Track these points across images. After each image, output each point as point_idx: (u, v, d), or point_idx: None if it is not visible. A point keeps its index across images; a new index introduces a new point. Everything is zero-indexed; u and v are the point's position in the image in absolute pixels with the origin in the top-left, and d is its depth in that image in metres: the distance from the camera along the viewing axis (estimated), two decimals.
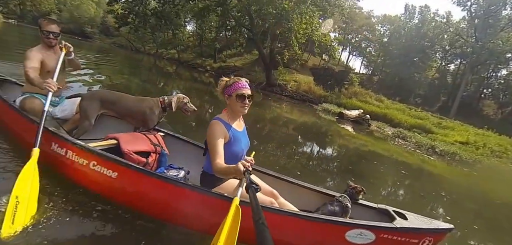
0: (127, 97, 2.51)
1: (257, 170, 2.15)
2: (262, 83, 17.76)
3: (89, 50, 22.14)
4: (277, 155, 4.60)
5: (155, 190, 1.72)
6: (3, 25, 27.88)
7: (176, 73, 18.12)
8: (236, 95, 1.64)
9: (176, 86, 11.29)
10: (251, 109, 1.83)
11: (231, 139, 1.66)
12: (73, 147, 1.86)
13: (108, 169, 1.79)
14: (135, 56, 26.42)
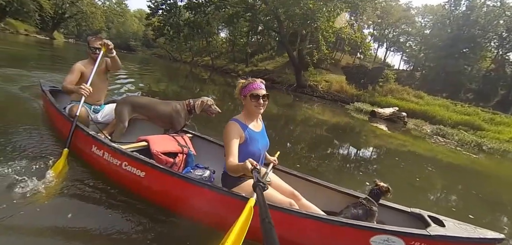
0: (155, 101, 2.67)
1: (280, 170, 2.14)
2: (293, 85, 17.82)
3: (132, 61, 24.42)
4: (308, 158, 4.46)
5: (177, 188, 1.81)
6: (64, 44, 32.25)
7: (210, 79, 18.89)
8: (251, 95, 1.67)
9: (211, 91, 11.95)
10: (281, 110, 2.02)
11: (247, 139, 1.69)
12: (108, 149, 2.04)
13: (137, 169, 1.93)
14: (172, 64, 28.17)
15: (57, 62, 12.24)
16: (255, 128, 1.78)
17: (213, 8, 18.23)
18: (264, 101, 1.70)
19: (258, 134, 1.78)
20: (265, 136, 1.88)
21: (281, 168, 2.16)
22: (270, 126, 6.67)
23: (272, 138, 4.72)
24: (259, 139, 1.77)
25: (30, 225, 1.58)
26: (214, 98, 2.57)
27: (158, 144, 2.17)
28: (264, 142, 1.83)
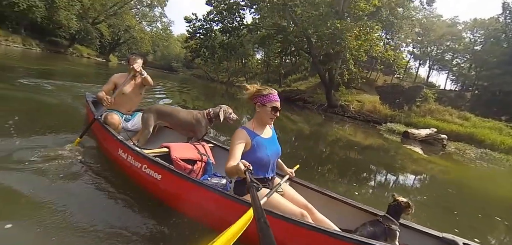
0: (178, 110, 2.80)
1: (296, 182, 2.12)
2: (324, 105, 17.70)
3: (173, 81, 26.60)
4: (336, 179, 4.25)
5: (188, 191, 1.88)
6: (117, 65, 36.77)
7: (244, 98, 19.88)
8: (272, 107, 1.70)
9: (245, 111, 12.42)
10: (312, 129, 2.13)
11: (254, 146, 1.70)
12: (132, 152, 2.20)
13: (155, 171, 2.04)
14: (209, 84, 29.50)
15: (101, 75, 14.44)
16: (264, 135, 1.79)
17: (246, 31, 19.33)
18: (278, 113, 1.75)
19: (267, 140, 1.79)
20: (276, 143, 1.87)
21: (297, 180, 2.14)
22: (300, 145, 6.60)
23: (301, 157, 4.60)
24: (268, 145, 1.77)
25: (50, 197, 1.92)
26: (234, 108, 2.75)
27: (178, 151, 2.28)
28: (274, 149, 1.83)
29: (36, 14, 20.85)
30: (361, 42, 11.85)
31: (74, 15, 24.11)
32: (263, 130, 1.81)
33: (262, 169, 1.74)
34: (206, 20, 18.96)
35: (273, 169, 1.87)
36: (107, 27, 32.26)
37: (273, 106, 1.71)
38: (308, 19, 14.13)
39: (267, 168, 1.78)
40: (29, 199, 1.84)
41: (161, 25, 40.28)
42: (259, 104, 1.74)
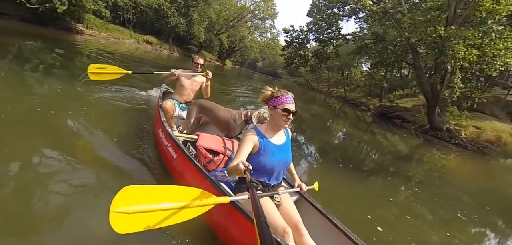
0: (219, 107, 2.91)
1: (306, 199, 1.97)
2: (425, 126, 14.97)
3: (275, 85, 29.24)
4: (423, 231, 3.14)
5: (189, 172, 2.02)
6: (231, 68, 43.74)
7: (340, 110, 18.85)
8: (283, 109, 1.63)
9: (342, 124, 12.11)
10: (403, 151, 2.37)
11: (260, 149, 1.65)
12: (165, 131, 2.48)
13: (173, 150, 2.23)
14: (309, 93, 30.45)
15: (218, 76, 18.01)
16: (275, 140, 1.72)
17: (342, 41, 18.88)
18: (293, 117, 1.67)
19: (277, 147, 1.71)
20: (286, 152, 1.77)
21: (307, 197, 1.96)
22: (379, 164, 6.22)
23: (381, 179, 4.92)
24: (276, 152, 1.69)
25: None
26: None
27: (205, 140, 2.39)
28: (283, 157, 1.74)
29: (180, 28, 28.10)
30: (474, 52, 9.32)
31: (203, 28, 30.74)
32: (274, 134, 1.73)
33: (265, 175, 1.69)
34: (302, 31, 19.99)
35: (279, 178, 1.77)
36: (227, 37, 39.01)
37: (284, 108, 1.63)
38: (410, 27, 12.51)
39: (271, 175, 1.71)
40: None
41: (271, 35, 44.50)
42: (271, 107, 1.70)
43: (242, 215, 1.52)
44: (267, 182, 1.70)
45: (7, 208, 1.71)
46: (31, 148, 2.38)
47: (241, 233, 1.57)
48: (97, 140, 2.94)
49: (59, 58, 7.77)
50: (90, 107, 3.93)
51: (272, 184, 1.73)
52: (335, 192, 3.55)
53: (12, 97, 3.50)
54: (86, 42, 14.44)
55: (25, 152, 2.30)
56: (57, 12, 13.77)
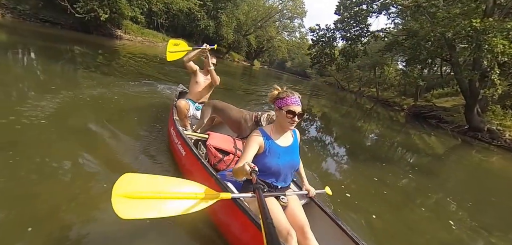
0: (231, 107, 2.91)
1: (316, 203, 1.91)
2: (463, 127, 13.89)
3: (304, 86, 28.98)
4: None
5: (197, 169, 2.04)
6: (259, 68, 44.34)
7: (372, 110, 18.27)
8: (287, 110, 1.59)
9: (374, 125, 11.51)
10: (440, 152, 2.49)
11: (265, 151, 1.62)
12: (176, 130, 2.55)
13: (182, 148, 2.28)
14: (338, 93, 29.64)
15: (245, 76, 18.23)
16: (281, 142, 1.68)
17: (370, 38, 18.26)
18: (298, 119, 1.61)
19: (283, 149, 1.67)
20: (292, 154, 1.72)
21: (316, 202, 1.90)
22: (421, 167, 5.80)
23: (415, 181, 4.67)
24: (282, 154, 1.65)
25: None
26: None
27: (215, 139, 2.41)
28: (289, 159, 1.69)
29: (209, 31, 29.37)
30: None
31: (231, 30, 31.71)
32: (280, 136, 1.70)
33: (272, 176, 1.66)
34: (328, 29, 19.73)
35: (286, 180, 1.73)
36: (255, 38, 39.68)
37: (288, 110, 1.58)
38: (443, 20, 11.75)
39: (278, 177, 1.67)
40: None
41: (299, 35, 44.22)
42: (276, 108, 1.67)
43: (244, 214, 1.52)
44: (274, 184, 1.67)
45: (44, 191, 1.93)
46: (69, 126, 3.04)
47: (242, 232, 1.57)
48: (117, 132, 3.19)
49: (101, 60, 8.90)
50: (121, 100, 4.63)
51: (280, 186, 1.69)
52: (364, 194, 3.47)
53: (65, 89, 4.35)
54: (124, 46, 16.07)
55: (66, 129, 2.95)
56: (100, 20, 15.49)
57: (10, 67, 5.35)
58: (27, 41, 9.04)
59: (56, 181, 2.09)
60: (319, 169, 4.24)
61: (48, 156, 2.37)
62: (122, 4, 15.97)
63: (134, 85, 6.10)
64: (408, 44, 15.52)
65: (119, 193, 1.17)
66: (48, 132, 2.83)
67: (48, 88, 4.35)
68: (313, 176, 3.51)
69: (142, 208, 1.18)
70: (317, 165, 4.36)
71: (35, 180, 2.04)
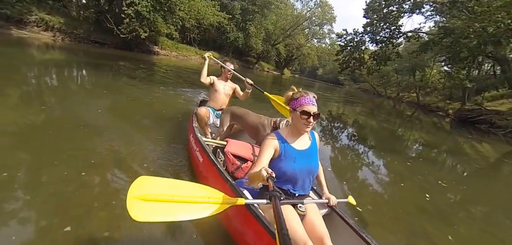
0: (249, 113, 2.92)
1: (337, 213, 1.80)
2: None
3: (339, 93, 28.28)
4: None
5: (214, 178, 2.02)
6: (290, 77, 44.46)
7: (412, 117, 16.89)
8: (301, 111, 1.55)
9: (415, 133, 10.47)
10: (489, 162, 2.17)
11: (281, 155, 1.58)
12: (195, 137, 2.63)
13: (200, 155, 2.31)
14: (375, 99, 28.41)
15: (276, 85, 18.88)
16: (297, 145, 1.64)
17: (403, 39, 17.64)
18: (314, 120, 1.56)
19: (299, 152, 1.62)
20: (310, 158, 1.66)
21: (338, 212, 1.80)
22: (472, 178, 5.37)
23: (465, 193, 4.29)
24: (298, 158, 1.60)
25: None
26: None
27: (233, 146, 2.43)
28: (306, 164, 1.62)
29: (239, 42, 30.81)
30: None
31: (260, 40, 32.85)
32: (296, 139, 1.65)
33: (288, 182, 1.60)
34: (356, 34, 19.47)
35: (305, 187, 1.66)
36: (284, 47, 40.39)
37: (302, 111, 1.54)
38: (481, 15, 11.11)
39: (295, 183, 1.61)
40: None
41: (329, 41, 43.86)
42: (291, 110, 1.64)
43: (258, 222, 1.50)
44: (291, 191, 1.61)
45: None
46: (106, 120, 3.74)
47: (256, 240, 1.54)
48: (144, 134, 3.47)
49: (141, 72, 10.19)
50: (154, 105, 5.47)
51: (297, 194, 1.62)
52: (405, 208, 3.22)
53: (110, 96, 5.35)
54: (160, 60, 17.90)
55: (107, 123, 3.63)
56: (140, 38, 17.47)
57: (70, 78, 6.61)
58: (82, 59, 10.75)
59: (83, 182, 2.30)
60: (352, 179, 4.02)
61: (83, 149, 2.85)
62: (159, 23, 17.81)
63: (167, 92, 7.01)
64: (445, 43, 14.75)
65: (134, 195, 1.21)
66: (86, 127, 3.44)
67: (99, 93, 5.38)
68: (341, 186, 3.43)
69: (157, 211, 1.22)
70: (349, 175, 4.17)
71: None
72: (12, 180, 2.07)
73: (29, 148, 2.61)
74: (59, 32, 15.21)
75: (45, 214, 1.81)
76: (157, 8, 17.06)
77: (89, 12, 16.85)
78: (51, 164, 2.39)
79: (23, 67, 6.67)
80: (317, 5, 38.09)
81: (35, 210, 1.83)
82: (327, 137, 6.55)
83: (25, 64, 7.09)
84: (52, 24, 14.86)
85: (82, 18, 17.38)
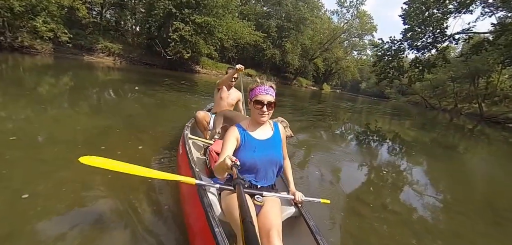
0: (240, 115, 3.02)
1: (303, 217, 1.63)
2: None
3: (385, 106, 27.26)
4: None
5: (185, 166, 2.19)
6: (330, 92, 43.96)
7: (474, 131, 14.53)
8: (255, 100, 1.58)
9: (480, 152, 8.92)
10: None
11: (241, 145, 1.60)
12: (183, 133, 2.89)
13: (181, 148, 2.57)
14: (427, 113, 26.12)
15: (314, 100, 19.13)
16: (257, 135, 1.65)
17: (449, 42, 16.59)
18: (268, 110, 1.58)
19: (259, 142, 1.63)
20: (272, 148, 1.66)
21: (304, 213, 1.65)
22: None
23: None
24: (258, 147, 1.60)
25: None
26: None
27: (219, 146, 2.41)
28: (267, 153, 1.62)
29: (276, 58, 32.12)
30: None
31: (297, 56, 33.76)
32: (256, 129, 1.67)
33: (250, 172, 1.62)
34: (393, 42, 18.79)
35: (268, 179, 1.66)
36: (322, 61, 40.57)
37: (256, 100, 1.58)
38: None
39: (255, 173, 1.63)
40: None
41: (371, 52, 42.59)
42: (249, 101, 1.67)
43: (201, 205, 1.50)
44: (253, 182, 1.62)
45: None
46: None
47: (195, 221, 1.58)
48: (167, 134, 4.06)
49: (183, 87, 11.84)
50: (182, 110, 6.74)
51: (260, 185, 1.63)
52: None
53: (156, 103, 6.79)
54: (201, 78, 20.10)
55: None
56: (184, 58, 19.84)
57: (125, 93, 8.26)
58: (135, 77, 12.91)
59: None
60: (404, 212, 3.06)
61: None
62: (200, 45, 20.04)
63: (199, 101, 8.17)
64: (502, 42, 13.67)
65: (85, 162, 1.49)
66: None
67: (145, 103, 6.77)
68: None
69: (101, 163, 1.51)
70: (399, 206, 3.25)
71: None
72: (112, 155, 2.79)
73: (104, 140, 3.57)
74: (118, 56, 18.34)
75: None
76: (198, 31, 19.33)
77: (142, 38, 19.84)
78: (124, 142, 3.51)
79: (93, 84, 8.60)
80: (355, 16, 37.78)
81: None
82: (364, 154, 5.65)
83: (93, 83, 9.05)
84: (113, 50, 18.04)
85: (136, 44, 20.49)
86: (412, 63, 18.93)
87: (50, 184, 2.19)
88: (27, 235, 1.63)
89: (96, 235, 1.72)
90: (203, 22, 19.13)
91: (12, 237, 1.59)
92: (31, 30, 13.21)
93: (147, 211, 2.02)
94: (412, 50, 18.12)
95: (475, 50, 14.93)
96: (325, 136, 6.90)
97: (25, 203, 1.87)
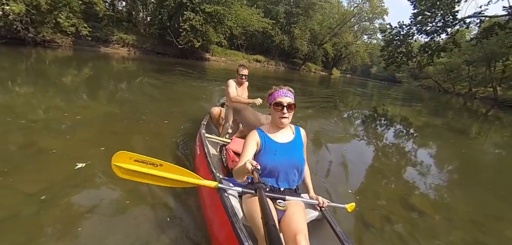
0: (248, 109, 3.04)
1: (328, 221, 1.60)
2: None
3: (394, 91, 26.99)
4: None
5: (204, 169, 2.17)
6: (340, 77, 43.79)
7: (488, 116, 14.44)
8: (274, 103, 1.62)
9: (492, 136, 8.91)
10: None
11: (261, 148, 1.62)
12: (199, 133, 2.87)
13: (199, 148, 2.58)
14: (440, 97, 26.07)
15: (323, 85, 19.68)
16: (277, 138, 1.67)
17: (459, 26, 16.42)
18: (289, 111, 1.60)
19: (280, 145, 1.64)
20: (293, 151, 1.66)
21: (328, 218, 1.61)
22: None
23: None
24: (279, 150, 1.62)
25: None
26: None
27: (236, 144, 2.53)
28: (288, 157, 1.62)
29: (284, 44, 32.36)
30: None
31: (305, 41, 33.87)
32: (277, 132, 1.68)
33: (272, 176, 1.62)
34: (402, 27, 18.71)
35: (289, 181, 1.65)
36: (331, 46, 40.44)
37: (275, 102, 1.60)
38: None
39: (277, 177, 1.62)
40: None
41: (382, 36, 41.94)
42: (268, 106, 1.69)
43: (224, 209, 1.52)
44: (275, 186, 1.62)
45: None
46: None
47: (218, 227, 1.58)
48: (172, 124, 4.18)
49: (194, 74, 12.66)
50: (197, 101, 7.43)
51: (282, 188, 1.63)
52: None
53: (165, 90, 7.59)
54: (211, 65, 20.90)
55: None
56: (194, 47, 20.61)
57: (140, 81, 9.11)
58: (148, 66, 13.79)
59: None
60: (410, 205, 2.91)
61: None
62: (210, 33, 20.69)
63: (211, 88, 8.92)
64: None
65: (116, 163, 1.47)
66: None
67: (160, 89, 7.71)
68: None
69: (135, 175, 1.49)
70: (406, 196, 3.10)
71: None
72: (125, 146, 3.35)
73: (121, 126, 4.25)
74: (132, 47, 19.25)
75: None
76: (208, 20, 19.98)
77: (154, 29, 20.63)
78: (137, 121, 4.31)
79: (112, 74, 9.49)
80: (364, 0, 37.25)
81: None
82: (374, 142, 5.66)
83: (111, 72, 9.94)
84: (128, 41, 18.92)
85: (148, 34, 21.33)
86: (421, 47, 18.91)
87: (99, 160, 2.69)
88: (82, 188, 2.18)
89: (105, 235, 1.78)
90: (213, 11, 19.70)
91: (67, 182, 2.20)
92: (54, 25, 14.16)
93: (165, 211, 2.07)
94: (421, 34, 18.08)
95: (486, 34, 14.89)
96: (331, 122, 6.91)
97: (80, 171, 2.44)
